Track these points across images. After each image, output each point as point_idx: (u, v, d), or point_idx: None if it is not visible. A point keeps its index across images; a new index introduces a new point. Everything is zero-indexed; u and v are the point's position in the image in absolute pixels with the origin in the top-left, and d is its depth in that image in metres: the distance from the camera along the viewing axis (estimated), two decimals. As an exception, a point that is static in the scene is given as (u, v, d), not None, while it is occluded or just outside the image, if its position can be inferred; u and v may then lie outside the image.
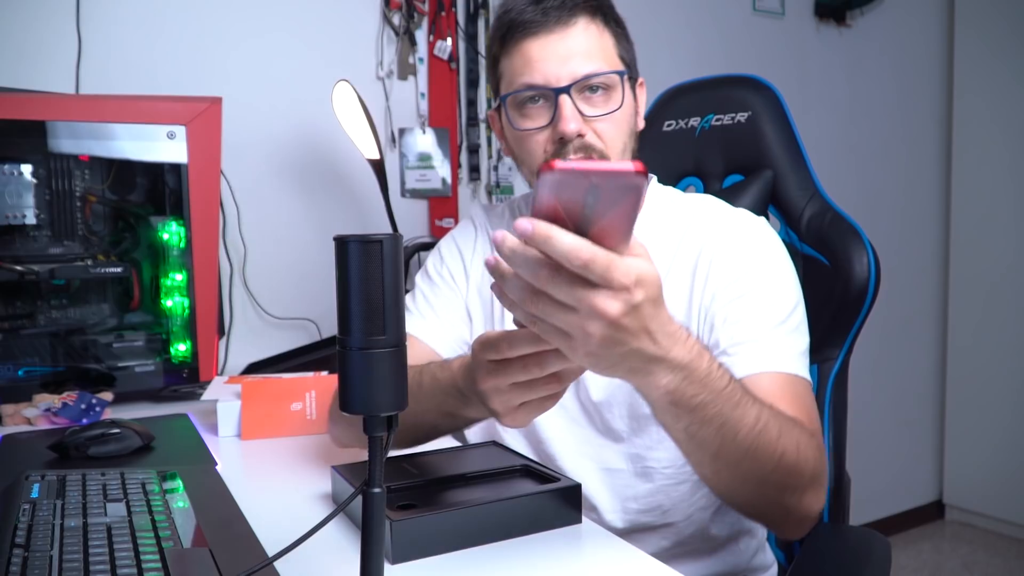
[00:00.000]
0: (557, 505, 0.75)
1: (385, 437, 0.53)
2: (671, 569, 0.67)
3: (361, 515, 0.53)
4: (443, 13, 1.89)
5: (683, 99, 1.28)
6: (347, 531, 0.75)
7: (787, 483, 0.74)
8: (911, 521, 2.89)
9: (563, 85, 0.89)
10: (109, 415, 1.19)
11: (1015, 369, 2.70)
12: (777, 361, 0.85)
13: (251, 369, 1.60)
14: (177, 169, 1.33)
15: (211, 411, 1.16)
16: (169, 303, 1.36)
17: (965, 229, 2.83)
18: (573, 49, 0.89)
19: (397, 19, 1.85)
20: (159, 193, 1.37)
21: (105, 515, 0.71)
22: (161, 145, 1.32)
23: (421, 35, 1.89)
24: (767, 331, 0.87)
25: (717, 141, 1.21)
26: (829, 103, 2.61)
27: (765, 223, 0.97)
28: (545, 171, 0.52)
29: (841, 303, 1.05)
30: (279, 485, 0.92)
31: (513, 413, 0.65)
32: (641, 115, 0.99)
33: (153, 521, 0.70)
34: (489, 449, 0.90)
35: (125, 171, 1.35)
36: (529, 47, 0.90)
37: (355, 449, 0.96)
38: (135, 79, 1.57)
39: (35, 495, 0.76)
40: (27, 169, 1.26)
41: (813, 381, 1.03)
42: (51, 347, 1.31)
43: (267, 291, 1.73)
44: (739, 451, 0.69)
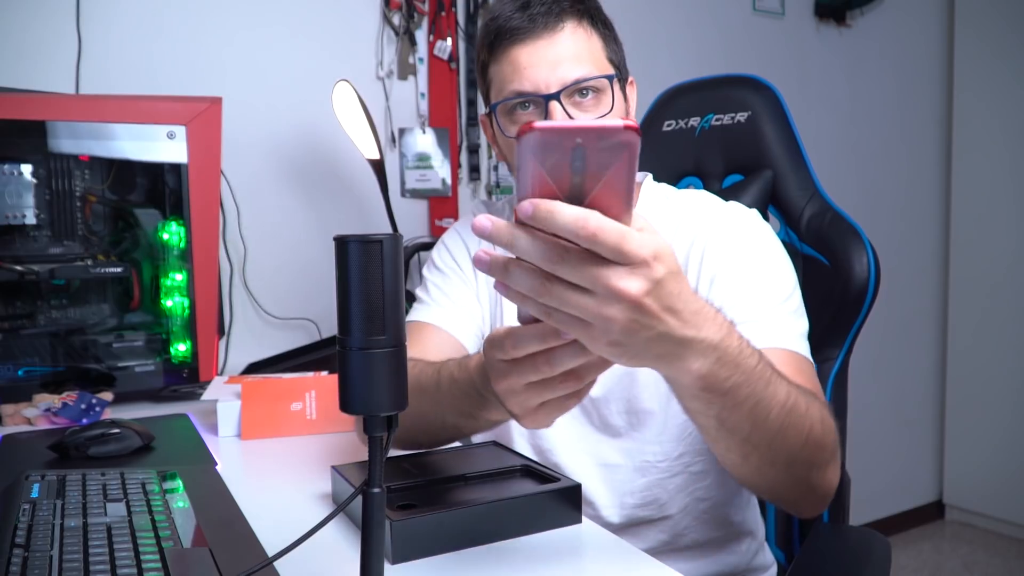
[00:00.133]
0: (557, 505, 0.75)
1: (385, 437, 0.53)
2: (671, 569, 0.67)
3: (361, 515, 0.53)
4: (443, 13, 1.90)
5: (683, 99, 1.28)
6: (347, 531, 0.75)
7: (814, 459, 0.71)
8: (911, 521, 2.90)
9: (552, 91, 0.89)
10: (109, 415, 1.19)
11: (1015, 369, 2.70)
12: (781, 338, 0.85)
13: (251, 369, 1.59)
14: (177, 169, 1.33)
15: (211, 411, 1.16)
16: (169, 303, 1.36)
17: (965, 229, 2.83)
18: (561, 54, 0.89)
19: (397, 19, 1.85)
20: (159, 193, 1.37)
21: (105, 515, 0.71)
22: (161, 145, 1.32)
23: (421, 35, 1.89)
24: (769, 310, 0.87)
25: (717, 141, 1.21)
26: (829, 103, 2.61)
27: (757, 214, 0.97)
28: (524, 133, 0.45)
29: (841, 303, 1.05)
30: (279, 485, 0.92)
31: (532, 414, 0.60)
32: (633, 114, 0.99)
33: (153, 521, 0.70)
34: (489, 449, 0.90)
35: (125, 171, 1.35)
36: (517, 54, 0.90)
37: (363, 448, 0.96)
38: (135, 79, 1.58)
39: (35, 495, 0.76)
40: (27, 169, 1.26)
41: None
42: (51, 347, 1.31)
43: (267, 291, 1.73)
44: (771, 432, 0.65)
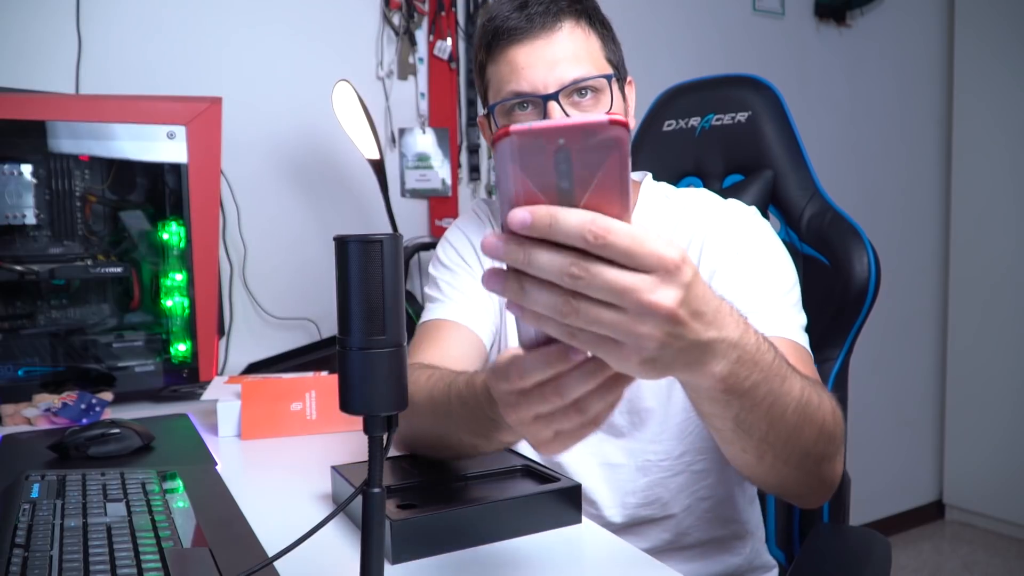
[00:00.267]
0: (557, 505, 0.75)
1: (385, 437, 0.53)
2: (671, 570, 0.67)
3: (361, 515, 0.53)
4: (443, 13, 1.89)
5: (683, 99, 1.28)
6: (347, 531, 0.75)
7: (826, 452, 0.70)
8: (911, 521, 2.89)
9: (551, 91, 0.88)
10: (109, 415, 1.19)
11: (1015, 369, 2.69)
12: (783, 327, 0.84)
13: (251, 369, 1.60)
14: (177, 169, 1.33)
15: (211, 411, 1.16)
16: (169, 303, 1.36)
17: (965, 229, 2.83)
18: (559, 54, 0.89)
19: (397, 19, 1.85)
20: (159, 193, 1.37)
21: (105, 515, 0.71)
22: (161, 145, 1.32)
23: (421, 35, 1.89)
24: (770, 300, 0.86)
25: (717, 141, 1.21)
26: (829, 103, 2.61)
27: (756, 211, 0.97)
28: (500, 140, 0.40)
29: (841, 303, 1.05)
30: (279, 485, 0.92)
31: (548, 444, 0.55)
32: (632, 115, 0.99)
33: (153, 521, 0.70)
34: (489, 449, 0.90)
35: (125, 171, 1.35)
36: (515, 54, 0.90)
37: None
38: (135, 79, 1.58)
39: (35, 495, 0.76)
40: (27, 169, 1.26)
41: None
42: (51, 347, 1.31)
43: (267, 291, 1.73)
44: (787, 429, 0.63)
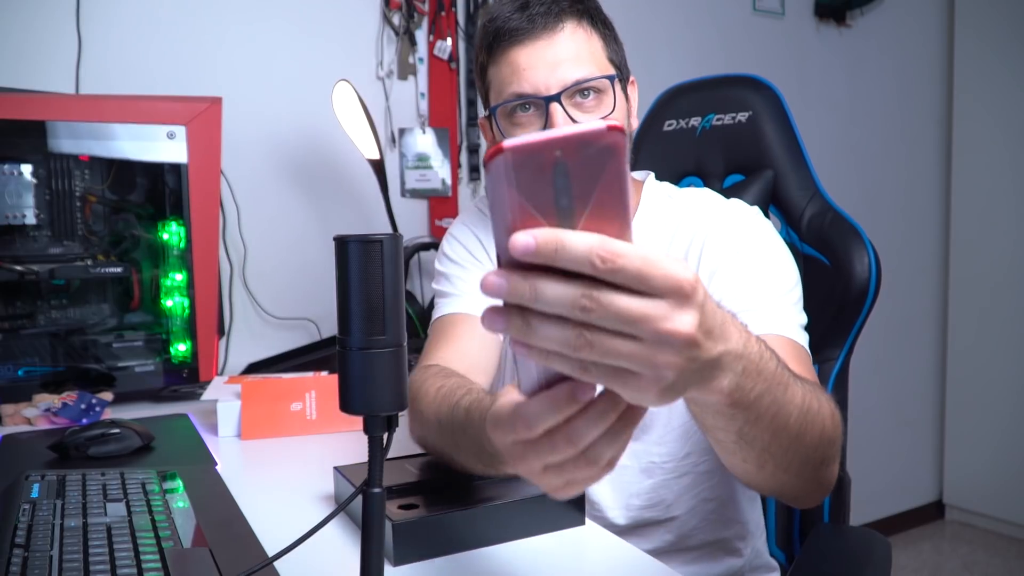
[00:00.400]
0: (560, 507, 0.75)
1: (385, 437, 0.53)
2: (674, 572, 0.67)
3: (361, 516, 0.53)
4: (443, 13, 1.89)
5: (684, 99, 1.28)
6: (347, 531, 0.75)
7: (825, 456, 0.68)
8: (911, 521, 2.89)
9: (553, 93, 0.87)
10: (109, 415, 1.19)
11: (1015, 369, 2.69)
12: (781, 325, 0.84)
13: (251, 369, 1.60)
14: (177, 169, 1.33)
15: (211, 411, 1.16)
16: (169, 303, 1.36)
17: (965, 229, 2.83)
18: (561, 55, 0.88)
19: (397, 19, 1.84)
20: (159, 193, 1.37)
21: (105, 515, 0.71)
22: (161, 145, 1.32)
23: (421, 35, 1.89)
24: (769, 298, 0.86)
25: (718, 141, 1.21)
26: (829, 103, 2.61)
27: (758, 211, 0.97)
28: (493, 159, 0.37)
29: (842, 303, 1.05)
30: (279, 485, 0.92)
31: (560, 490, 0.51)
32: (635, 115, 0.98)
33: (153, 521, 0.70)
34: (490, 449, 0.90)
35: (125, 171, 1.35)
36: (516, 55, 0.89)
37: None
38: (135, 79, 1.57)
39: (35, 495, 0.76)
40: (27, 169, 1.26)
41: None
42: (51, 347, 1.31)
43: (267, 291, 1.73)
44: (789, 438, 0.61)
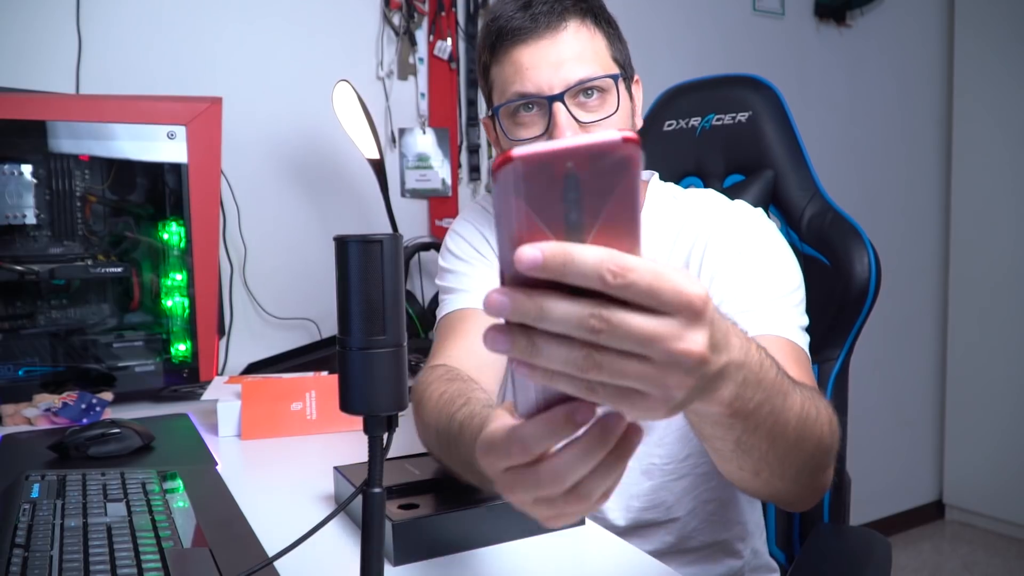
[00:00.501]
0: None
1: (385, 437, 0.53)
2: (674, 572, 0.67)
3: (361, 516, 0.53)
4: (443, 13, 1.89)
5: (684, 99, 1.28)
6: (348, 531, 0.75)
7: (821, 463, 0.67)
8: (911, 521, 2.89)
9: (556, 92, 0.87)
10: (109, 415, 1.19)
11: (1015, 369, 2.69)
12: (780, 326, 0.83)
13: (251, 369, 1.59)
14: (177, 169, 1.33)
15: (211, 411, 1.16)
16: (169, 303, 1.36)
17: (965, 229, 2.83)
18: (564, 54, 0.87)
19: (397, 19, 1.84)
20: (159, 193, 1.37)
21: (105, 515, 0.71)
22: (161, 145, 1.32)
23: (421, 35, 1.89)
24: (770, 299, 0.85)
25: (718, 141, 1.21)
26: (829, 103, 2.61)
27: (762, 213, 0.97)
28: (502, 167, 0.35)
29: (842, 303, 1.05)
30: (279, 485, 0.92)
31: (553, 521, 0.48)
32: (639, 114, 0.97)
33: (153, 521, 0.70)
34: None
35: (125, 171, 1.35)
36: (519, 54, 0.88)
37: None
38: (135, 79, 1.57)
39: (35, 495, 0.76)
40: (27, 169, 1.26)
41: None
42: (51, 347, 1.31)
43: (267, 291, 1.73)
44: (786, 446, 0.60)
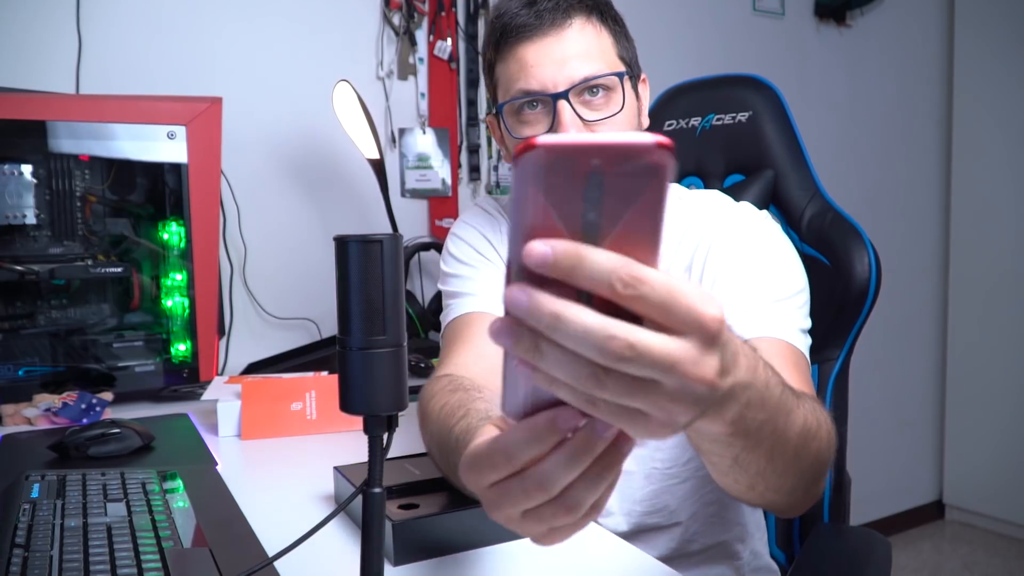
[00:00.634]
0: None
1: (385, 437, 0.53)
2: (675, 572, 0.67)
3: (361, 516, 0.53)
4: (443, 13, 1.89)
5: (684, 99, 1.28)
6: (348, 531, 0.75)
7: (817, 474, 0.67)
8: (911, 521, 2.89)
9: (561, 90, 0.86)
10: (109, 415, 1.19)
11: (1015, 369, 2.69)
12: (780, 329, 0.83)
13: (251, 369, 1.59)
14: (177, 169, 1.33)
15: (211, 411, 1.16)
16: (169, 303, 1.36)
17: (965, 229, 2.83)
18: (569, 51, 0.86)
19: (397, 19, 1.84)
20: (159, 193, 1.37)
21: (105, 515, 0.71)
22: (161, 145, 1.32)
23: (421, 35, 1.89)
24: (771, 301, 0.85)
25: (718, 141, 1.21)
26: (829, 103, 2.61)
27: (768, 215, 0.96)
28: (523, 153, 0.32)
29: (842, 303, 1.05)
30: (279, 485, 0.92)
31: (544, 538, 0.45)
32: (645, 113, 0.96)
33: (153, 521, 0.70)
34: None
35: (125, 171, 1.35)
36: (524, 52, 0.87)
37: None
38: (135, 79, 1.57)
39: (35, 495, 0.76)
40: (27, 169, 1.25)
41: (813, 383, 1.03)
42: (51, 347, 1.31)
43: (267, 291, 1.73)
44: (785, 462, 0.59)
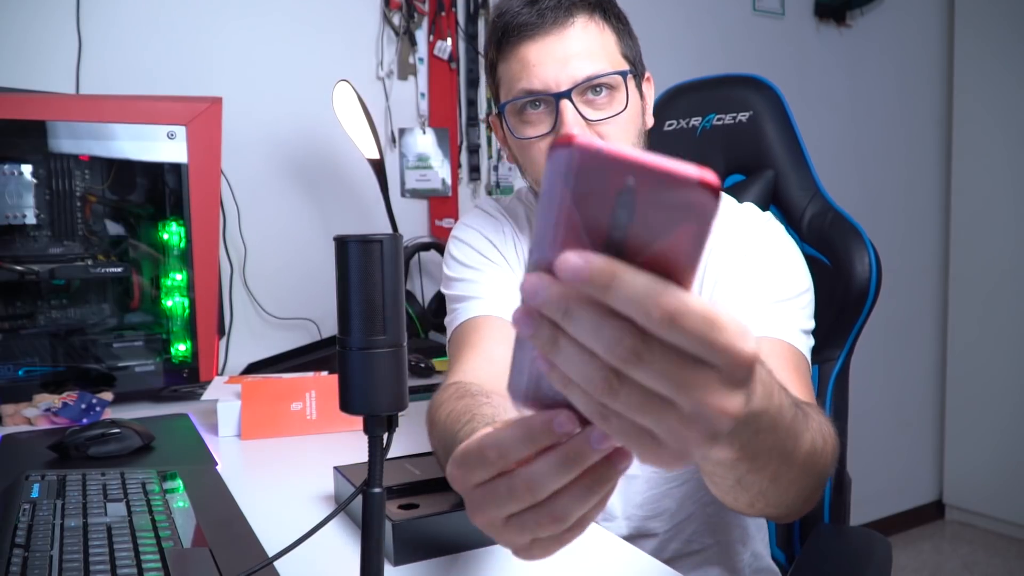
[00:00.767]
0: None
1: (385, 437, 0.53)
2: (674, 572, 0.67)
3: (361, 516, 0.52)
4: (443, 13, 1.89)
5: (684, 99, 1.28)
6: (348, 531, 0.75)
7: (818, 485, 0.66)
8: (911, 521, 2.89)
9: (563, 89, 0.85)
10: (109, 415, 1.19)
11: (1015, 369, 2.69)
12: (782, 330, 0.82)
13: (251, 369, 1.59)
14: (177, 169, 1.33)
15: (211, 411, 1.15)
16: (169, 303, 1.36)
17: (965, 229, 2.83)
18: (572, 50, 0.85)
19: (397, 19, 1.84)
20: (159, 193, 1.37)
21: (105, 515, 0.71)
22: (161, 145, 1.31)
23: (421, 35, 1.89)
24: (774, 302, 0.84)
25: (718, 141, 1.21)
26: (829, 103, 2.61)
27: (771, 217, 0.96)
28: (557, 149, 0.30)
29: (843, 303, 1.05)
30: (279, 485, 0.92)
31: (526, 551, 0.43)
32: (649, 112, 0.95)
33: (153, 521, 0.70)
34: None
35: (125, 171, 1.35)
36: (526, 51, 0.86)
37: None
38: (135, 79, 1.57)
39: (35, 495, 0.76)
40: (27, 169, 1.25)
41: (814, 383, 1.03)
42: (51, 347, 1.31)
43: (267, 291, 1.73)
44: (787, 482, 0.58)
